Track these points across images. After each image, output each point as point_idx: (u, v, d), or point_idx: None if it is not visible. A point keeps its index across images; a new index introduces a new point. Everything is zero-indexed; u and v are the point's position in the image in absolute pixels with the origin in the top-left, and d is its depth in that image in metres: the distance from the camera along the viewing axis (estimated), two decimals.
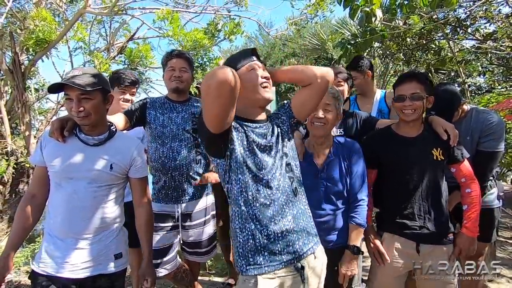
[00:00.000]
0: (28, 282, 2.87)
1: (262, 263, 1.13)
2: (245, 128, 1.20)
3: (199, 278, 2.43)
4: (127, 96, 2.22)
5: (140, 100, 1.97)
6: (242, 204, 1.16)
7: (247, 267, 1.13)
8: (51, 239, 1.35)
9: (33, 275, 1.35)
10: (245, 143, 1.17)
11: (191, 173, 1.90)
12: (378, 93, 2.44)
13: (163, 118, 1.89)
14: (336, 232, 1.56)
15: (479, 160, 1.80)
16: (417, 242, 1.59)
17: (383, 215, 1.74)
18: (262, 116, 1.28)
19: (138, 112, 1.87)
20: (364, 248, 1.70)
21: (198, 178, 1.94)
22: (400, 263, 1.62)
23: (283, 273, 1.15)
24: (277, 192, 1.18)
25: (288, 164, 1.26)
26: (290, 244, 1.16)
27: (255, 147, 1.18)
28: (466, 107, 1.90)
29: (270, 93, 1.23)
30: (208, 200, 2.04)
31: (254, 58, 1.23)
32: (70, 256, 1.32)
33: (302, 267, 1.18)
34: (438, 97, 1.69)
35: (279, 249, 1.15)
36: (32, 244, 3.49)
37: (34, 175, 1.44)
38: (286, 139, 1.30)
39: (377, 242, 1.65)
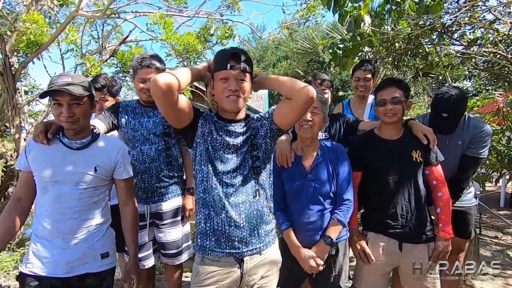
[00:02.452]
0: (18, 285, 2.85)
1: (208, 247, 1.28)
2: (216, 125, 1.32)
3: None
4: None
5: (113, 105, 2.01)
6: (201, 191, 1.31)
7: (198, 248, 1.32)
8: (38, 240, 1.38)
9: (21, 276, 1.37)
10: (209, 138, 1.30)
11: (160, 176, 1.95)
12: (371, 98, 2.49)
13: (134, 123, 1.94)
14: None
15: (466, 164, 1.88)
16: (400, 240, 1.66)
17: (368, 215, 1.82)
18: (238, 116, 1.36)
19: (112, 117, 1.92)
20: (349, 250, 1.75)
21: (167, 180, 1.98)
22: (385, 261, 1.69)
23: (224, 260, 1.28)
24: (234, 188, 1.28)
25: (256, 167, 1.33)
26: (236, 239, 1.27)
27: (218, 145, 1.30)
28: None
29: (234, 104, 1.27)
30: (179, 201, 2.06)
31: (229, 65, 1.23)
32: (57, 256, 1.36)
33: (242, 260, 1.29)
34: (454, 100, 1.71)
35: (224, 239, 1.27)
36: (22, 248, 3.44)
37: (19, 180, 1.47)
38: (260, 143, 1.35)
39: (363, 243, 1.71)
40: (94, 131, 1.49)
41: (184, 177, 2.14)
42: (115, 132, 2.02)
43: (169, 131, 1.96)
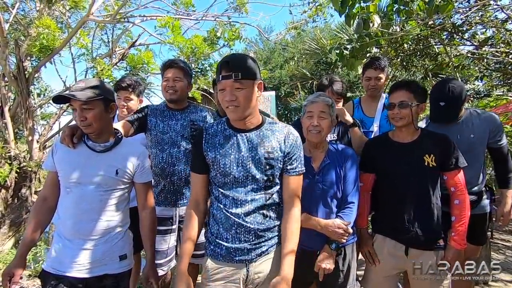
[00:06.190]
0: (30, 284, 2.92)
1: (220, 253, 1.30)
2: (240, 143, 1.29)
3: None
4: (121, 102, 2.28)
5: (142, 108, 2.04)
6: (215, 208, 1.33)
7: (211, 252, 1.32)
8: (60, 240, 1.42)
9: (43, 274, 1.42)
10: (220, 165, 1.28)
11: (189, 178, 1.93)
12: (383, 97, 2.39)
13: (163, 125, 1.95)
14: None
15: (502, 156, 1.93)
16: (406, 245, 1.64)
17: (377, 217, 1.82)
18: (250, 123, 1.32)
19: (139, 120, 1.94)
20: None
21: None
22: (390, 264, 1.69)
23: (232, 266, 1.30)
24: (246, 203, 1.28)
25: (270, 181, 1.33)
26: (244, 250, 1.29)
27: (237, 158, 1.27)
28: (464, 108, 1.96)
29: (234, 114, 1.25)
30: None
31: (221, 76, 1.21)
32: (77, 256, 1.39)
33: (248, 264, 1.31)
34: (451, 88, 1.78)
35: (233, 250, 1.28)
36: (34, 248, 3.53)
37: (46, 180, 1.52)
38: (274, 164, 1.32)
39: (369, 244, 1.73)
40: (117, 135, 1.53)
41: None
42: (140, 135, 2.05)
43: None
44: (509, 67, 3.99)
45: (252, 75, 1.23)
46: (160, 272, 1.94)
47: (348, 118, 1.99)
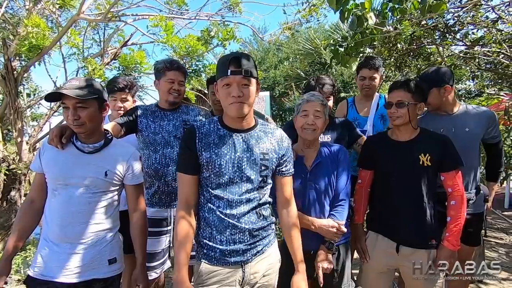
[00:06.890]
0: None
1: (214, 257, 1.27)
2: (234, 137, 1.27)
3: None
4: (118, 103, 2.24)
5: (132, 109, 1.99)
6: (206, 211, 1.29)
7: (203, 255, 1.29)
8: (47, 244, 1.38)
9: (28, 279, 1.37)
10: (216, 165, 1.25)
11: None
12: (376, 97, 2.41)
13: (154, 126, 1.92)
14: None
15: (497, 152, 2.02)
16: (398, 243, 1.65)
17: (371, 214, 1.84)
18: (245, 124, 1.30)
19: (129, 121, 1.90)
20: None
21: None
22: (381, 260, 1.71)
23: (228, 269, 1.28)
24: (239, 204, 1.26)
25: (264, 182, 1.33)
26: (239, 251, 1.27)
27: (234, 161, 1.25)
28: (459, 103, 1.99)
29: (239, 110, 1.22)
30: None
31: (230, 71, 1.19)
32: (64, 260, 1.35)
33: (243, 265, 1.29)
34: (430, 71, 1.97)
35: (228, 252, 1.26)
36: (24, 252, 3.45)
37: (33, 181, 1.48)
38: (270, 164, 1.32)
39: (362, 240, 1.77)
40: (107, 136, 1.49)
41: None
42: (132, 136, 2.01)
43: None
44: (500, 67, 4.05)
45: (256, 74, 1.24)
46: (153, 275, 1.90)
47: None
